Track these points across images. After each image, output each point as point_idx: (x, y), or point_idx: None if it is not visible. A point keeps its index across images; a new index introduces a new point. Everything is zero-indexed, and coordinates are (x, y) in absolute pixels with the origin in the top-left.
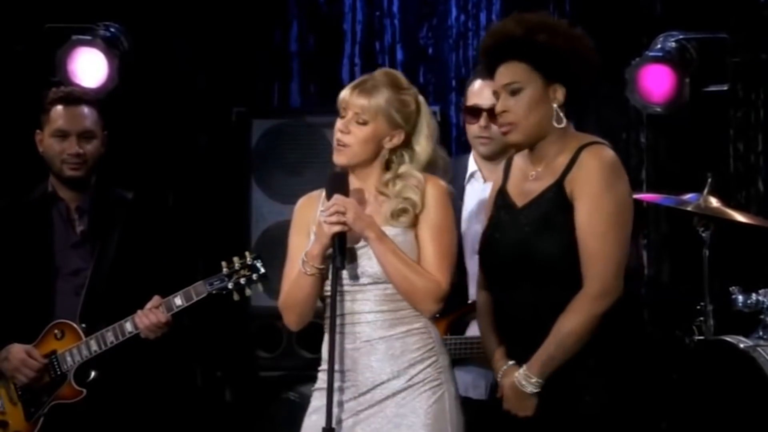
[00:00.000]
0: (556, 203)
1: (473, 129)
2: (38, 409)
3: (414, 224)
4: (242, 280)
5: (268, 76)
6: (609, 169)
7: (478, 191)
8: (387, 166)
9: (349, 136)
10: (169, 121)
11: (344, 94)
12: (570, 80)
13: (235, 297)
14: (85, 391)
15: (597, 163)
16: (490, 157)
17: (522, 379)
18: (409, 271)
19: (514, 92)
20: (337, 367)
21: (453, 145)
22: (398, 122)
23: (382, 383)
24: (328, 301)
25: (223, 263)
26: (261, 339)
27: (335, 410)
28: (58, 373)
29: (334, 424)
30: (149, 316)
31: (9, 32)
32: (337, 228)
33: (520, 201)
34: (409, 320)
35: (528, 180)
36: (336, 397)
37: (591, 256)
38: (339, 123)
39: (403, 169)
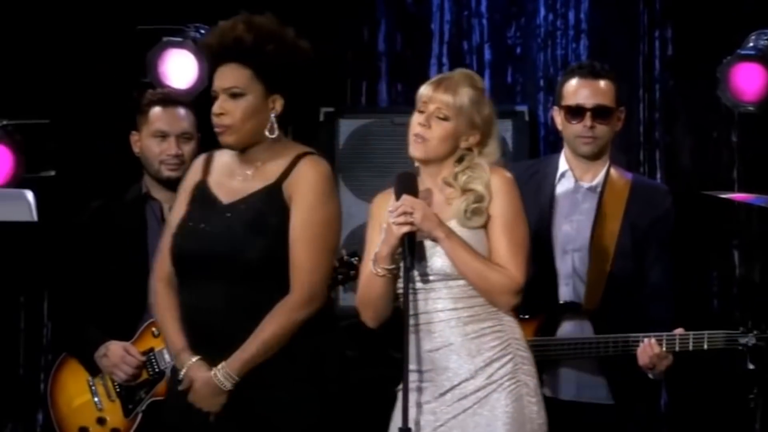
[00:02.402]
0: (271, 206)
1: (576, 129)
2: (136, 406)
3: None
4: (339, 277)
5: (356, 76)
6: (326, 181)
7: (569, 191)
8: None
9: (430, 130)
10: None
11: (426, 89)
12: (290, 93)
13: (331, 294)
14: None
15: (316, 173)
16: (590, 157)
17: (222, 376)
18: (483, 266)
19: (235, 96)
20: (415, 367)
21: (541, 144)
22: (477, 123)
23: (461, 383)
24: (402, 300)
25: None
26: (349, 339)
27: (414, 411)
28: (156, 370)
29: (413, 425)
30: None
31: (101, 34)
32: (405, 228)
33: (226, 198)
34: (484, 318)
35: (235, 179)
36: (416, 398)
37: (300, 264)
38: (418, 117)
39: (468, 167)
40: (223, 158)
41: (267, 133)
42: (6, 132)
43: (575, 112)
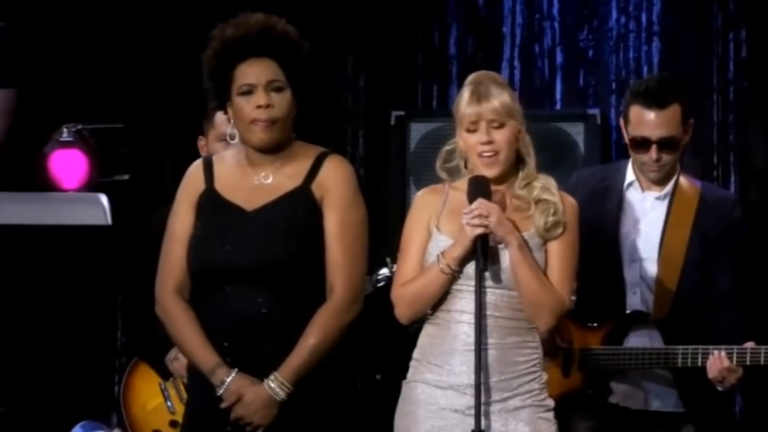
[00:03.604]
0: (302, 207)
1: (642, 158)
2: None
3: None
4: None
5: (427, 79)
6: (356, 180)
7: (637, 200)
8: (516, 166)
9: (494, 144)
10: (328, 125)
11: (468, 108)
12: (302, 94)
13: None
14: None
15: (346, 173)
16: (657, 182)
17: (276, 386)
18: (540, 284)
19: (277, 90)
20: (440, 362)
21: (613, 148)
22: (520, 116)
23: (484, 389)
24: (447, 297)
25: (388, 259)
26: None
27: (432, 407)
28: None
29: (429, 419)
30: None
31: (173, 36)
32: (479, 231)
33: (247, 204)
34: (522, 332)
35: (250, 183)
36: (435, 393)
37: (342, 264)
38: (474, 137)
39: (533, 169)
40: (226, 163)
41: (291, 132)
42: (80, 136)
43: (640, 144)
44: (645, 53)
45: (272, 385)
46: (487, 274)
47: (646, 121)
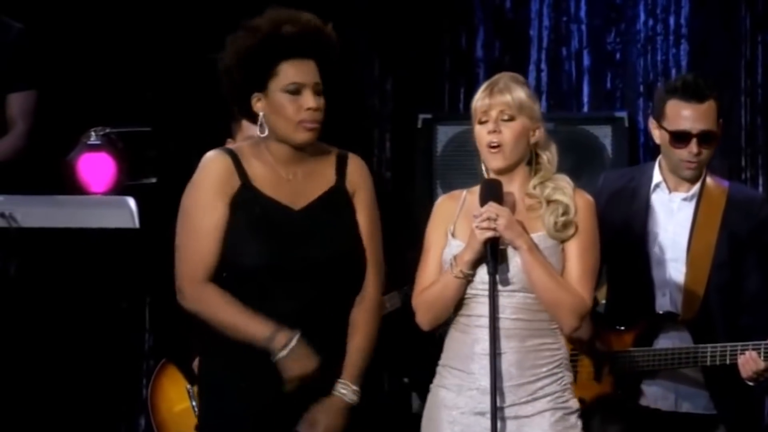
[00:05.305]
0: (344, 205)
1: (681, 154)
2: None
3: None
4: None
5: (454, 82)
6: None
7: (664, 201)
8: (531, 166)
9: (501, 135)
10: (355, 128)
11: (480, 100)
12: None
13: None
14: None
15: (369, 172)
16: (692, 180)
17: (351, 393)
18: (556, 285)
19: (319, 93)
20: (461, 366)
21: (641, 151)
22: (537, 116)
23: (505, 392)
24: (465, 302)
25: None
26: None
27: (453, 412)
28: None
29: (451, 424)
30: None
31: (200, 40)
32: (488, 234)
33: (292, 202)
34: (543, 334)
35: (286, 181)
36: (456, 398)
37: (376, 261)
38: (484, 128)
39: (550, 170)
40: (252, 159)
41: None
42: (108, 140)
43: (680, 138)
44: (673, 56)
45: (347, 392)
46: (504, 277)
47: (686, 114)
